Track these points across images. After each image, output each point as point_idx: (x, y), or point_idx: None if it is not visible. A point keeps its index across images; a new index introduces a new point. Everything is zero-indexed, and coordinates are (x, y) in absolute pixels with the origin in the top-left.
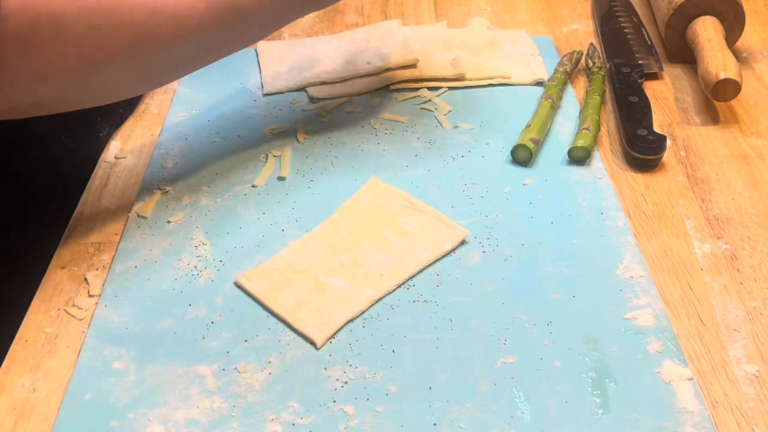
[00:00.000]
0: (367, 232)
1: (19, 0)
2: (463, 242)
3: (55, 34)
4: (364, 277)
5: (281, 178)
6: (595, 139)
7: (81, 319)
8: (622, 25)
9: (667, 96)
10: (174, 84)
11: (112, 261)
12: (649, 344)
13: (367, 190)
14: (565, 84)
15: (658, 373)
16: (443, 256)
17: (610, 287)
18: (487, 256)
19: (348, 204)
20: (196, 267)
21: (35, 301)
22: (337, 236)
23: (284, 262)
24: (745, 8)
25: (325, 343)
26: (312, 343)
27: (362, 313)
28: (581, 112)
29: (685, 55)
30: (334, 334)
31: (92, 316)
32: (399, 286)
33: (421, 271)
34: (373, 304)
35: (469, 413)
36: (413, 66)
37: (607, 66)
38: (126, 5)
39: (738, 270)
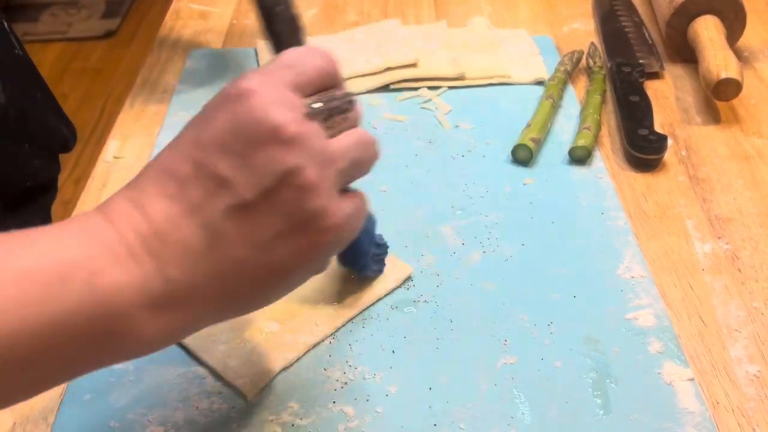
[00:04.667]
0: None
1: None
2: (408, 278)
3: None
4: (300, 320)
5: None
6: (596, 139)
7: None
8: (623, 24)
9: (668, 95)
10: (174, 83)
11: None
12: (650, 344)
13: None
14: (565, 83)
15: (659, 373)
16: (386, 295)
17: (610, 287)
18: (487, 256)
19: None
20: None
21: None
22: None
23: None
24: (747, 7)
25: (256, 396)
26: (243, 395)
27: (298, 360)
28: (582, 111)
29: (686, 54)
30: (267, 384)
31: None
32: (338, 329)
33: (361, 312)
34: (309, 350)
35: (470, 414)
36: (413, 65)
37: (608, 65)
38: None
39: (739, 270)
